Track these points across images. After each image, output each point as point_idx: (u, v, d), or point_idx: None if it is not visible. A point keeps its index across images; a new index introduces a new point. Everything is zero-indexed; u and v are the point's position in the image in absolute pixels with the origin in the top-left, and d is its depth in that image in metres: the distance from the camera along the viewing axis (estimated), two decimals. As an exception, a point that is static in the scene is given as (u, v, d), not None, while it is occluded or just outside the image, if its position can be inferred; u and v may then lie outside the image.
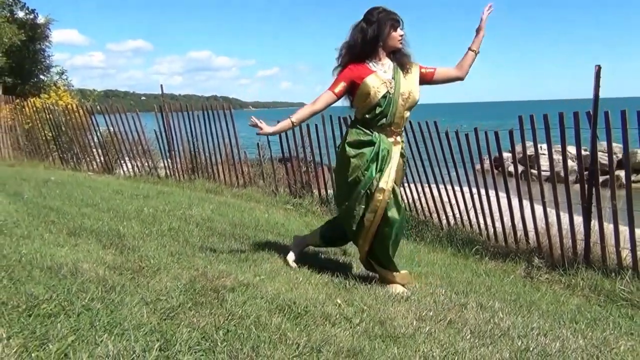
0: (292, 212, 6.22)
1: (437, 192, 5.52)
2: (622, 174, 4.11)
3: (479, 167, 5.10)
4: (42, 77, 16.80)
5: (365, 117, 2.99)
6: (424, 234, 5.37)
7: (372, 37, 2.94)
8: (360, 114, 3.02)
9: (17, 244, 3.03)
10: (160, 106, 8.36)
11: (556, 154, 4.48)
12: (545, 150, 4.69)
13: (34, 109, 10.02)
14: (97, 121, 9.21)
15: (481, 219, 5.07)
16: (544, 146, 4.68)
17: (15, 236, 3.23)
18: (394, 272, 3.09)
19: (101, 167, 9.15)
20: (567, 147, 4.33)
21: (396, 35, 2.96)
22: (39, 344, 1.73)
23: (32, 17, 16.30)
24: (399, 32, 2.97)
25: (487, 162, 5.29)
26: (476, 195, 5.05)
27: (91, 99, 13.41)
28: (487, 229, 5.04)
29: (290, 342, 2.00)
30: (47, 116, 9.76)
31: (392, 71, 3.00)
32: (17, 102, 10.39)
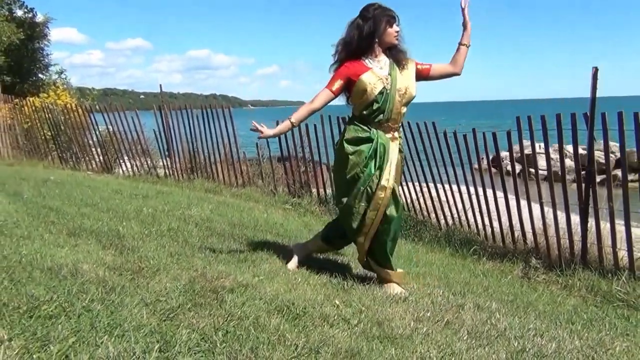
0: (291, 211, 6.23)
1: (435, 192, 5.54)
2: (620, 173, 4.13)
3: (477, 166, 5.13)
4: (40, 75, 16.83)
5: (362, 114, 2.99)
6: (422, 234, 5.39)
7: (368, 34, 2.94)
8: (357, 111, 3.03)
9: (17, 244, 3.04)
10: (159, 106, 8.37)
11: (554, 153, 4.51)
12: (542, 149, 4.70)
13: (33, 108, 10.03)
14: (96, 120, 9.22)
15: (479, 219, 5.09)
16: (542, 145, 4.70)
17: (15, 237, 3.24)
18: (390, 271, 3.09)
19: (100, 166, 9.16)
20: (566, 147, 4.35)
21: (392, 31, 2.96)
22: (40, 346, 1.74)
23: (30, 15, 16.34)
24: (394, 28, 2.97)
25: (485, 162, 5.31)
26: (474, 195, 5.08)
27: (90, 98, 13.43)
28: (485, 229, 5.06)
29: (288, 343, 2.01)
30: (46, 115, 9.77)
31: (388, 67, 3.00)
32: (16, 102, 10.39)
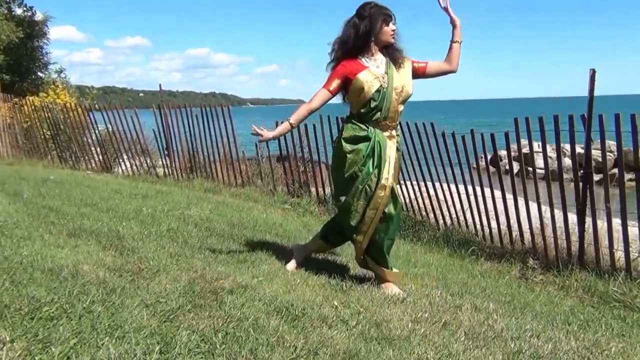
0: (290, 211, 6.25)
1: (433, 192, 5.56)
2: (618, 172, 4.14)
3: (475, 165, 5.14)
4: (40, 74, 16.78)
5: (360, 112, 3.01)
6: (421, 234, 5.41)
7: (364, 32, 2.95)
8: (355, 109, 3.05)
9: (17, 245, 3.06)
10: (159, 105, 8.38)
11: (552, 152, 4.52)
12: (540, 148, 4.72)
13: (33, 107, 10.03)
14: (95, 119, 9.23)
15: (477, 219, 5.11)
16: (540, 144, 4.72)
17: (15, 237, 3.26)
18: (386, 270, 3.12)
19: (100, 165, 9.17)
20: (564, 145, 4.35)
21: (388, 29, 2.98)
22: (42, 347, 1.76)
23: (29, 14, 16.28)
24: (390, 27, 2.98)
25: (483, 162, 5.33)
26: (472, 195, 5.10)
27: (90, 97, 13.41)
28: (482, 230, 5.08)
29: (287, 345, 2.03)
30: (46, 115, 9.78)
31: (384, 66, 3.01)
32: (15, 101, 10.40)
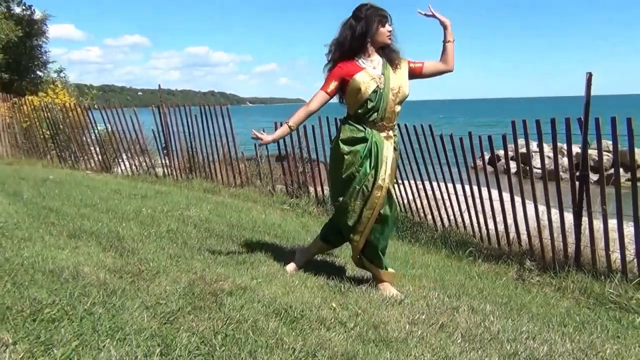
0: (289, 212, 6.27)
1: (431, 192, 5.58)
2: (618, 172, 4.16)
3: (473, 165, 5.17)
4: (39, 73, 16.79)
5: (357, 113, 3.03)
6: (419, 235, 5.43)
7: (361, 34, 2.97)
8: (352, 110, 3.06)
9: (18, 246, 3.08)
10: (158, 106, 8.40)
11: (550, 152, 4.54)
12: (539, 148, 4.76)
13: (32, 107, 10.04)
14: (94, 119, 9.24)
15: (475, 220, 5.14)
16: (537, 143, 4.75)
17: (16, 238, 3.28)
18: (381, 270, 3.14)
19: (99, 165, 9.19)
20: (562, 144, 4.39)
21: (384, 30, 3.00)
22: (44, 349, 1.78)
23: (28, 13, 16.28)
24: (387, 28, 3.00)
25: (481, 163, 5.36)
26: (470, 196, 5.12)
27: (89, 97, 13.41)
28: (480, 231, 5.11)
29: (286, 347, 2.05)
30: (45, 114, 9.79)
31: (381, 67, 3.03)
32: (14, 101, 10.40)
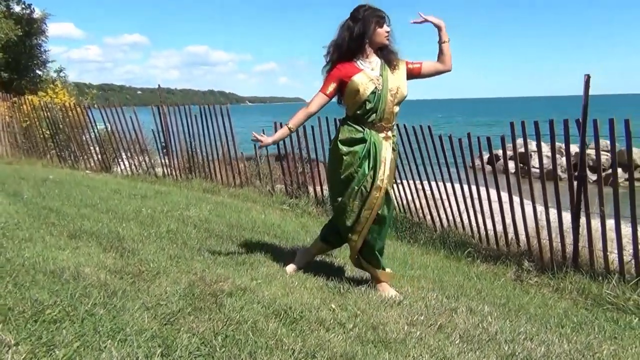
0: (289, 212, 6.29)
1: (430, 193, 5.60)
2: (619, 171, 4.18)
3: (472, 164, 5.19)
4: (38, 72, 16.78)
5: (356, 114, 3.04)
6: (418, 235, 5.45)
7: (358, 35, 2.99)
8: (350, 111, 3.08)
9: (19, 247, 3.09)
10: (158, 105, 8.40)
11: (549, 152, 4.55)
12: (537, 149, 4.77)
13: (32, 106, 10.04)
14: (94, 118, 9.25)
15: (473, 221, 5.16)
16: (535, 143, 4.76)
17: (17, 239, 3.29)
18: (378, 270, 3.16)
19: (98, 165, 9.19)
20: (560, 144, 4.40)
21: (382, 31, 3.01)
22: (46, 350, 1.80)
23: (28, 11, 16.27)
24: (384, 29, 3.01)
25: (480, 163, 5.38)
26: (469, 196, 5.14)
27: (89, 96, 13.41)
28: (479, 232, 5.13)
29: (286, 348, 2.07)
30: (45, 114, 9.79)
31: (379, 68, 3.05)
32: (14, 100, 10.41)
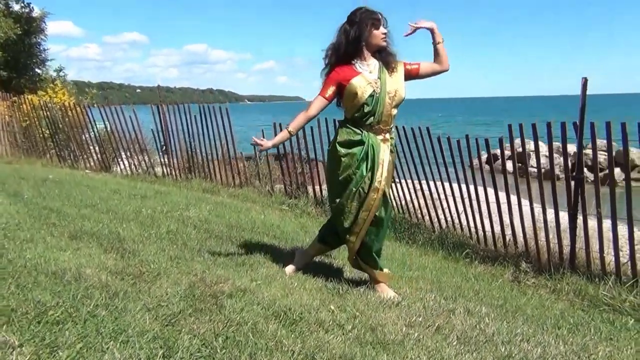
0: (288, 212, 6.31)
1: (429, 193, 5.63)
2: (617, 171, 4.19)
3: (470, 164, 5.21)
4: (37, 70, 16.78)
5: (354, 117, 3.06)
6: (416, 236, 5.48)
7: (355, 38, 3.00)
8: (349, 114, 3.10)
9: (21, 248, 3.11)
10: (157, 104, 8.42)
11: (547, 152, 4.58)
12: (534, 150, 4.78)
13: (31, 106, 10.05)
14: (93, 117, 9.26)
15: (471, 222, 5.19)
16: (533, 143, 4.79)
17: (18, 240, 3.31)
18: (376, 271, 3.18)
19: (98, 164, 9.20)
20: (558, 143, 4.43)
21: (378, 33, 3.02)
22: (50, 352, 1.82)
23: (27, 10, 16.26)
24: (381, 30, 3.02)
25: (478, 163, 5.40)
26: (467, 195, 5.16)
27: (89, 96, 13.42)
28: (477, 233, 5.16)
29: (285, 349, 2.10)
30: (45, 113, 9.80)
31: (377, 71, 3.06)
32: (14, 100, 10.41)
